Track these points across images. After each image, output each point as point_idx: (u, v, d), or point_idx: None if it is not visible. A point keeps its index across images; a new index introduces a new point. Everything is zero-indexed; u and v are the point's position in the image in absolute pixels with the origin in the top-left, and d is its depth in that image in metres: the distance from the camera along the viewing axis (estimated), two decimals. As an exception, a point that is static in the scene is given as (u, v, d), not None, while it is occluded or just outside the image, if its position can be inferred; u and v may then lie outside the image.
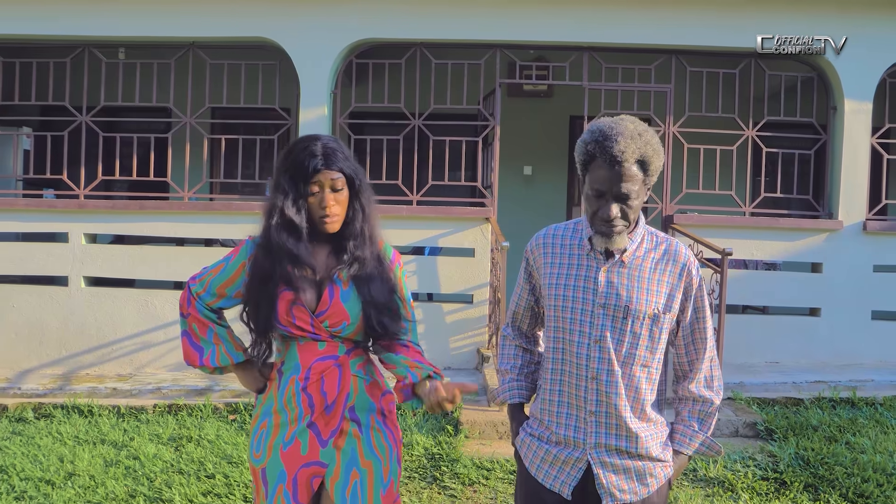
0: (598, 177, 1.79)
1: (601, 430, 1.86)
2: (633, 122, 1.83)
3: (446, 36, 6.05)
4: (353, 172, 1.96)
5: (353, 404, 1.96)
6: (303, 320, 1.93)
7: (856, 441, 4.34)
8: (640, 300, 1.84)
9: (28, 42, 6.36)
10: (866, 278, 6.10)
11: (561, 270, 1.93)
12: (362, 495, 1.94)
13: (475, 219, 6.05)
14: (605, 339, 1.84)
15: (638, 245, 1.89)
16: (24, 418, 5.04)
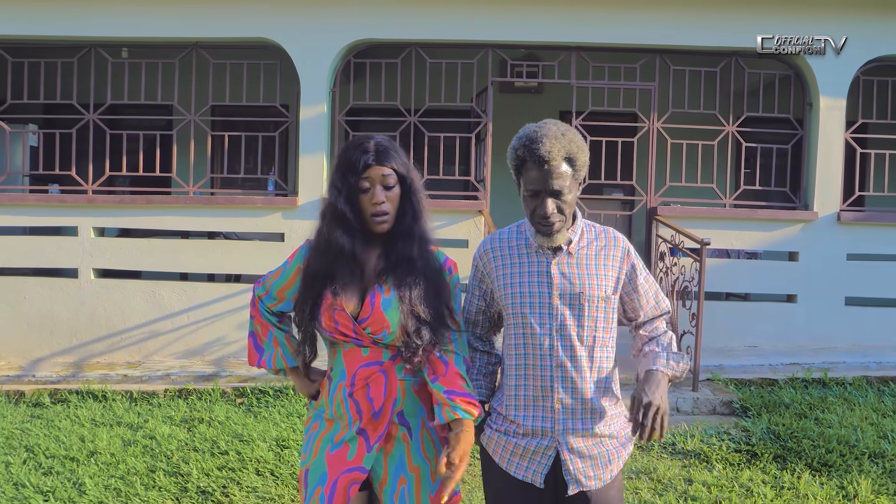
0: (530, 178, 1.91)
1: (568, 415, 1.95)
2: (556, 124, 1.95)
3: (440, 36, 6.31)
4: (405, 171, 1.96)
5: (401, 409, 1.96)
6: (346, 326, 1.93)
7: (824, 417, 4.67)
8: (592, 285, 1.97)
9: (36, 43, 6.58)
10: (840, 266, 6.42)
11: (514, 270, 2.01)
12: (410, 499, 1.94)
13: (469, 211, 6.33)
14: (565, 328, 1.94)
15: (580, 237, 2.02)
16: (41, 403, 5.30)
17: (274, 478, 3.88)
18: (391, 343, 1.93)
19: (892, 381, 5.42)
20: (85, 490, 3.67)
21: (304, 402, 5.02)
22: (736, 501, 3.58)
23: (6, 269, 6.51)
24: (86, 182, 6.51)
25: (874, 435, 4.35)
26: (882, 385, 5.38)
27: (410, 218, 1.96)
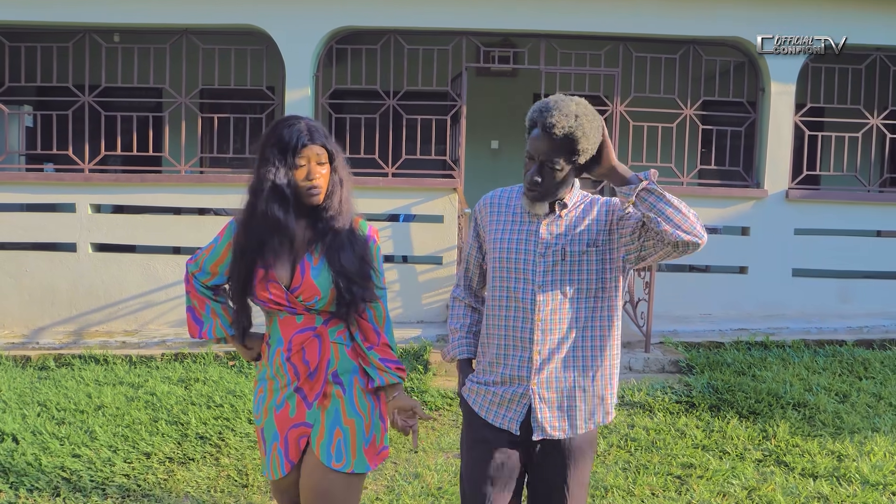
0: (532, 142, 1.98)
1: (544, 366, 2.02)
2: (578, 103, 1.96)
3: (418, 24, 6.70)
4: (333, 149, 2.10)
5: (335, 369, 2.12)
6: (279, 297, 2.06)
7: (760, 374, 5.20)
8: (574, 241, 2.03)
9: (32, 28, 6.90)
10: (788, 240, 6.94)
11: (505, 227, 2.10)
12: (346, 450, 2.10)
13: (444, 189, 6.77)
14: (545, 284, 2.01)
15: (574, 204, 2.09)
16: (46, 366, 5.73)
17: (248, 423, 4.34)
18: (323, 309, 2.09)
19: (827, 344, 5.96)
20: (96, 436, 4.12)
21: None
22: (669, 441, 4.10)
23: (8, 243, 6.89)
24: (82, 161, 6.88)
25: (801, 388, 4.88)
26: (818, 347, 5.92)
27: (339, 193, 2.10)
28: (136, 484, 3.62)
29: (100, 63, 6.89)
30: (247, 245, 2.06)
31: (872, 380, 5.14)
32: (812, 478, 3.62)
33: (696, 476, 3.65)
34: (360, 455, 2.11)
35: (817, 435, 4.18)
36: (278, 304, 2.08)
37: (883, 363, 5.46)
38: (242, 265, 2.07)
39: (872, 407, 4.61)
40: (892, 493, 3.46)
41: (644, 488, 3.52)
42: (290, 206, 2.04)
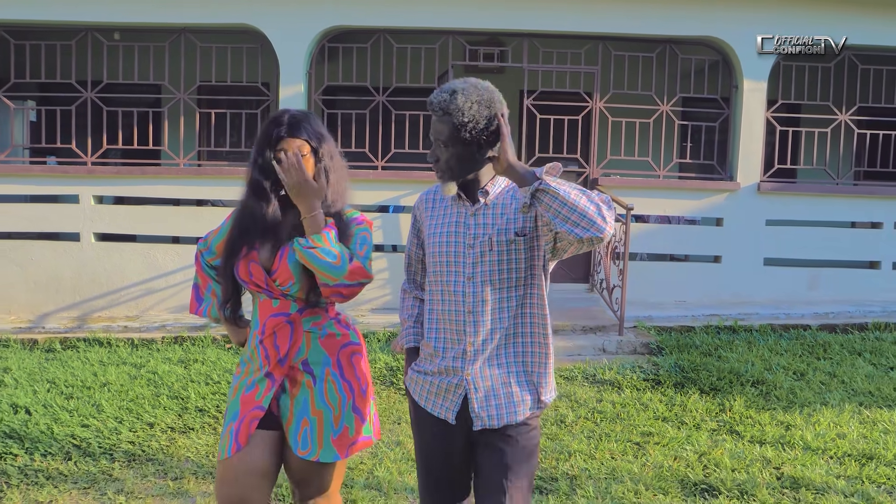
0: (432, 124, 2.02)
1: (478, 357, 2.04)
2: (465, 81, 2.00)
3: (406, 23, 7.00)
4: (317, 141, 2.11)
5: (305, 358, 2.14)
6: (258, 278, 2.11)
7: (725, 355, 5.53)
8: (501, 230, 2.02)
9: (36, 26, 7.19)
10: (760, 231, 7.27)
11: (438, 220, 2.12)
12: (312, 440, 2.12)
13: (431, 181, 7.06)
14: (476, 276, 2.03)
15: (499, 190, 2.09)
16: (53, 349, 6.04)
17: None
18: (297, 295, 2.12)
19: (792, 328, 6.30)
20: (102, 409, 4.45)
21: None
22: (632, 413, 4.44)
23: (14, 233, 7.20)
24: (85, 154, 7.18)
25: (761, 367, 5.23)
26: (784, 331, 6.26)
27: (324, 184, 2.12)
28: (141, 450, 3.95)
29: (101, 60, 7.19)
30: (239, 231, 2.16)
31: (830, 360, 5.48)
32: (759, 444, 3.97)
33: (654, 443, 3.99)
34: (327, 445, 2.12)
35: (770, 408, 4.52)
36: (258, 285, 2.13)
37: (842, 346, 5.80)
38: (233, 247, 2.15)
39: (825, 384, 4.95)
40: (830, 456, 3.80)
41: (605, 453, 3.86)
42: (269, 199, 2.11)
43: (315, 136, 2.11)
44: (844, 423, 4.23)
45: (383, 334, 6.02)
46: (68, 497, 3.47)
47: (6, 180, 7.04)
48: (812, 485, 3.44)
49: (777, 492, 3.39)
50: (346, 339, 2.21)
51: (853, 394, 4.77)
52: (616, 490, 3.39)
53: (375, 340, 5.93)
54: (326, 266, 2.05)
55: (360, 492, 3.47)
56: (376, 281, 7.07)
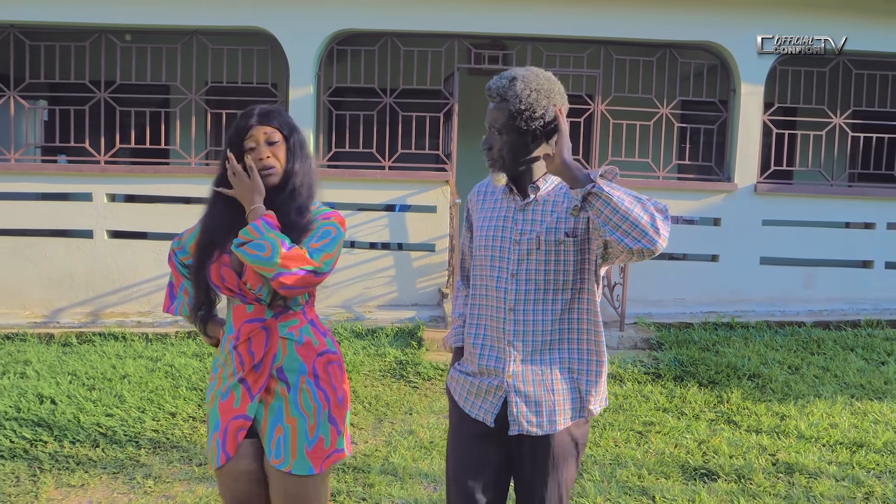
0: (488, 111, 1.98)
1: (518, 358, 1.97)
2: (530, 70, 1.95)
3: (413, 27, 7.18)
4: (288, 129, 2.05)
5: (280, 365, 2.06)
6: (230, 282, 2.04)
7: (723, 350, 5.73)
8: (550, 229, 1.94)
9: (51, 28, 7.35)
10: (756, 230, 7.47)
11: (487, 214, 2.08)
12: (285, 448, 2.03)
13: (437, 181, 7.27)
14: (520, 273, 1.96)
15: (549, 184, 2.01)
16: (69, 343, 6.21)
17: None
18: (268, 300, 2.04)
19: (788, 325, 6.50)
20: (124, 399, 4.62)
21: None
22: (634, 404, 4.63)
23: (29, 230, 7.36)
24: (98, 153, 7.34)
25: (757, 362, 5.42)
26: (779, 328, 6.45)
27: (293, 175, 2.04)
28: (165, 437, 4.12)
29: (115, 61, 7.35)
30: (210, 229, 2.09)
31: (823, 355, 5.68)
32: (755, 433, 4.16)
33: (655, 432, 4.18)
34: (300, 456, 2.04)
35: (766, 400, 4.71)
36: (231, 290, 2.06)
37: (835, 342, 6.00)
38: (204, 246, 2.09)
39: (819, 377, 5.15)
40: (822, 444, 3.99)
41: (609, 441, 4.05)
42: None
43: (286, 125, 2.06)
44: (836, 414, 4.43)
45: (391, 329, 6.20)
46: (98, 481, 3.64)
47: (22, 178, 7.21)
48: (805, 470, 3.63)
49: (772, 476, 3.59)
50: (323, 347, 2.12)
51: (845, 386, 4.96)
52: (621, 474, 3.58)
53: (384, 336, 6.11)
54: (257, 259, 1.93)
55: (377, 476, 3.65)
56: (383, 278, 7.26)
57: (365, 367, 5.38)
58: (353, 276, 7.28)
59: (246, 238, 1.95)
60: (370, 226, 7.33)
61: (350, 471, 3.73)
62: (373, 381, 5.19)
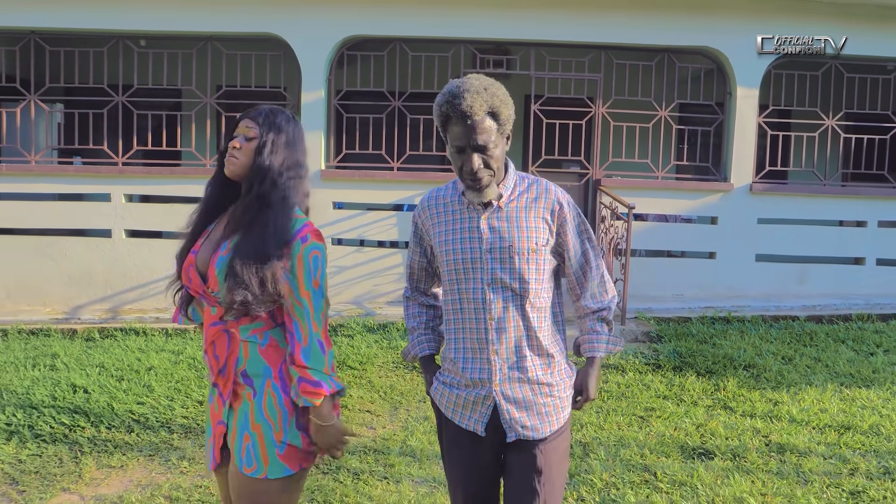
0: (455, 134, 1.90)
1: (504, 366, 2.00)
2: (479, 78, 1.92)
3: (420, 33, 7.45)
4: (266, 129, 1.98)
5: (244, 368, 1.98)
6: (196, 283, 2.00)
7: (719, 342, 6.00)
8: (521, 238, 1.98)
9: (70, 34, 7.60)
10: (752, 229, 7.74)
11: (447, 227, 2.05)
12: (256, 456, 1.96)
13: (444, 181, 7.49)
14: (496, 281, 1.98)
15: (511, 190, 2.02)
16: (92, 338, 6.46)
17: (294, 382, 5.12)
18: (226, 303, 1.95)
19: (782, 319, 6.77)
20: (153, 389, 4.88)
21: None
22: (636, 392, 4.89)
23: (49, 229, 7.61)
24: (116, 155, 7.59)
25: (752, 353, 5.69)
26: (773, 322, 6.73)
27: (259, 178, 1.96)
28: (196, 423, 4.38)
29: (132, 65, 7.60)
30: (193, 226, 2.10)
31: (815, 347, 5.95)
32: (750, 417, 4.43)
33: (656, 416, 4.44)
34: (272, 460, 1.96)
35: (760, 388, 4.98)
36: (196, 291, 2.03)
37: (827, 335, 6.27)
38: (182, 243, 2.09)
39: (811, 367, 5.42)
40: (813, 427, 4.26)
41: (613, 425, 4.31)
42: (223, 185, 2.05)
43: (267, 124, 2.00)
44: (826, 400, 4.70)
45: (401, 324, 6.45)
46: (136, 462, 3.90)
47: (42, 179, 7.46)
48: (796, 449, 3.90)
49: (765, 455, 3.85)
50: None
51: (835, 375, 5.24)
52: (624, 454, 3.85)
53: (395, 330, 6.37)
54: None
55: (397, 458, 3.91)
56: (392, 275, 7.52)
57: (378, 360, 5.63)
58: (362, 273, 7.53)
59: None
60: (379, 225, 7.59)
61: (371, 452, 3.99)
62: (386, 372, 5.45)
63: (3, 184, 7.45)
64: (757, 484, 3.47)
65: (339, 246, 7.54)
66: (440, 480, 3.64)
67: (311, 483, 3.58)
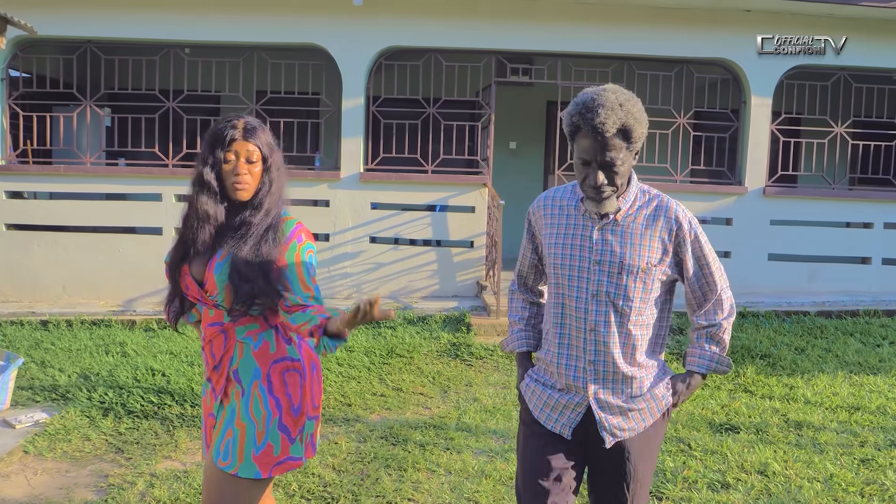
0: (583, 147, 1.86)
1: (599, 377, 1.98)
2: (616, 92, 1.87)
3: (454, 44, 7.93)
4: (268, 150, 2.11)
5: (236, 367, 2.10)
6: (193, 289, 2.10)
7: (737, 335, 6.46)
8: (634, 255, 1.93)
9: (124, 43, 8.09)
10: (765, 229, 8.22)
11: (559, 230, 2.03)
12: (233, 451, 2.06)
13: (475, 184, 8.01)
14: (601, 294, 1.94)
15: (631, 204, 1.98)
16: (151, 328, 6.94)
17: (349, 367, 5.60)
18: (224, 305, 2.07)
19: (794, 314, 7.24)
20: (224, 372, 5.36)
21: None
22: (664, 377, 5.37)
23: (102, 227, 8.10)
24: (166, 158, 8.08)
25: (768, 344, 6.16)
26: (786, 316, 7.20)
27: (264, 192, 2.10)
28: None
29: (182, 73, 8.09)
30: (185, 235, 2.13)
31: (826, 339, 6.42)
32: (769, 399, 4.91)
33: (684, 398, 4.92)
34: (247, 460, 2.06)
35: (777, 374, 5.46)
36: (194, 297, 2.12)
37: (836, 328, 6.75)
38: (174, 253, 2.15)
39: (822, 357, 5.90)
40: (825, 408, 4.74)
41: (645, 405, 4.79)
42: (219, 200, 2.09)
43: (266, 145, 2.12)
44: (837, 385, 5.18)
45: (440, 317, 6.93)
46: (223, 435, 4.38)
47: (97, 180, 7.96)
48: (812, 425, 4.38)
49: (785, 430, 4.33)
50: (282, 354, 2.12)
51: (845, 364, 5.71)
52: (659, 429, 4.33)
53: (433, 322, 6.86)
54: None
55: (454, 432, 4.39)
56: (426, 271, 8.00)
57: (423, 349, 6.12)
58: (397, 270, 8.01)
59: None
60: (413, 224, 8.07)
61: (431, 428, 4.47)
62: (431, 359, 5.93)
63: (61, 184, 7.95)
64: (779, 452, 3.95)
65: (375, 244, 8.02)
66: (497, 452, 4.12)
67: (385, 452, 4.06)
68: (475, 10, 7.80)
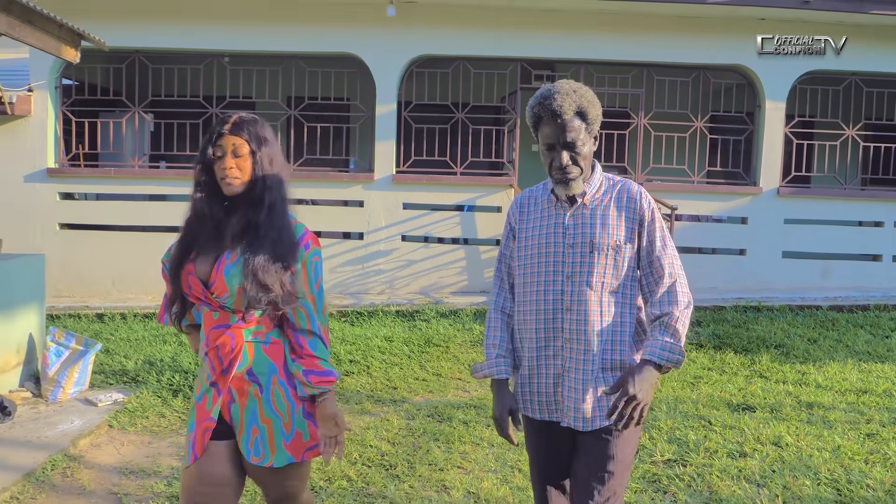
0: (546, 133, 2.02)
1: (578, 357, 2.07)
2: (569, 82, 2.04)
3: (481, 53, 8.35)
4: (257, 143, 2.06)
5: (250, 367, 2.08)
6: (197, 290, 2.07)
7: (752, 327, 6.85)
8: (603, 234, 2.06)
9: (170, 53, 8.59)
10: (779, 228, 8.58)
11: (535, 223, 2.17)
12: (263, 447, 2.09)
13: (502, 185, 8.44)
14: (575, 274, 2.06)
15: (597, 188, 2.12)
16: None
17: (391, 354, 6.04)
18: (233, 307, 2.05)
19: (806, 308, 7.60)
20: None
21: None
22: (684, 364, 5.76)
23: (147, 226, 8.58)
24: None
25: (782, 336, 6.54)
26: (799, 311, 7.56)
27: (261, 187, 2.06)
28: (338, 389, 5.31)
29: (225, 81, 8.57)
30: (186, 235, 2.13)
31: (837, 331, 6.79)
32: (783, 383, 5.30)
33: (704, 382, 5.33)
34: (279, 450, 2.10)
35: (790, 362, 5.85)
36: (197, 297, 2.10)
37: (847, 321, 7.11)
38: (176, 254, 2.13)
39: (833, 347, 6.27)
40: (835, 391, 5.13)
41: (668, 389, 5.20)
42: (214, 197, 2.09)
43: (255, 138, 2.09)
44: (847, 371, 5.56)
45: (470, 311, 7.36)
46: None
47: (145, 182, 8.46)
48: (822, 405, 4.77)
49: (797, 409, 4.73)
50: None
51: (855, 353, 6.09)
52: (682, 408, 4.74)
53: (465, 315, 7.28)
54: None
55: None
56: (455, 268, 8.43)
57: (457, 339, 6.55)
58: (427, 267, 8.45)
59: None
60: (443, 224, 8.50)
61: (471, 408, 4.89)
62: (466, 349, 6.36)
63: (110, 185, 8.44)
64: (791, 427, 4.35)
65: (406, 242, 8.45)
66: (534, 427, 4.53)
67: (433, 427, 4.49)
68: (501, 20, 8.22)
